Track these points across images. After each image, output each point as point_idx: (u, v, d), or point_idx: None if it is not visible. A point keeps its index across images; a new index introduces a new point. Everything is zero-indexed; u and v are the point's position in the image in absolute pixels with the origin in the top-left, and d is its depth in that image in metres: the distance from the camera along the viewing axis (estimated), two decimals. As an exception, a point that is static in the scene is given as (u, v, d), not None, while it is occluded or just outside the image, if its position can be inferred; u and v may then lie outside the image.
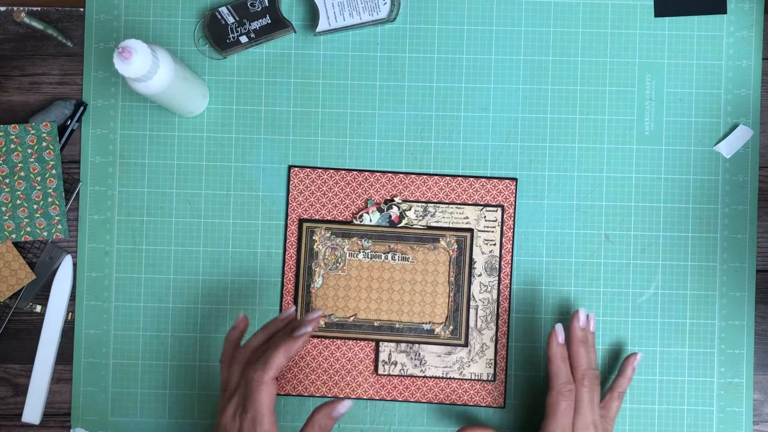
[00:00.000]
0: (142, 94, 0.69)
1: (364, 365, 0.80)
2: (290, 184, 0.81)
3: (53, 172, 0.80)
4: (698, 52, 0.81)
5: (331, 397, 0.80)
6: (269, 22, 0.79)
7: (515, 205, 0.80)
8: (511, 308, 0.80)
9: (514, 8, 0.81)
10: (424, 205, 0.80)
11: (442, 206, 0.80)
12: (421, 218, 0.80)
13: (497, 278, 0.80)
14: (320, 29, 0.79)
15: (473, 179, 0.80)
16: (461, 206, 0.80)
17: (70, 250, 0.81)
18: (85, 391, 0.81)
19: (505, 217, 0.80)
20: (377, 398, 0.80)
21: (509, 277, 0.80)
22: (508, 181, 0.80)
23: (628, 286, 0.80)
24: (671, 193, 0.80)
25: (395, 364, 0.80)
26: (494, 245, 0.80)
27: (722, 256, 0.80)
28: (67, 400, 0.81)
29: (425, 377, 0.80)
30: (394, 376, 0.80)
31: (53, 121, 0.80)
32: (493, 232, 0.80)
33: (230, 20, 0.79)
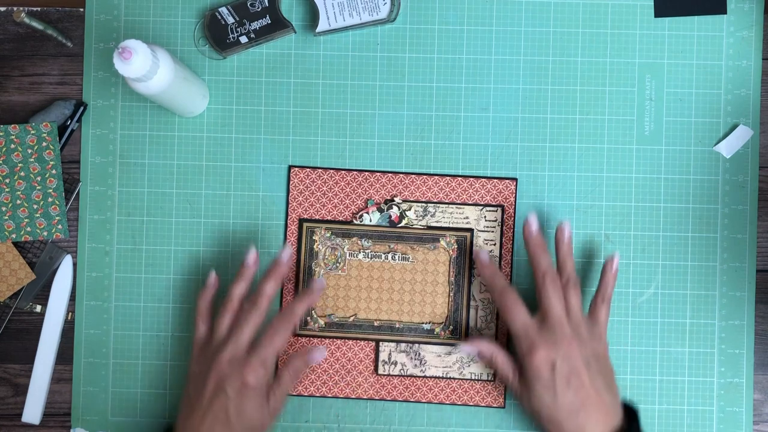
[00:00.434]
0: (142, 94, 0.69)
1: (364, 365, 0.80)
2: (290, 184, 0.81)
3: (53, 172, 0.80)
4: (698, 52, 0.81)
5: (331, 397, 0.80)
6: (269, 22, 0.79)
7: (515, 205, 0.80)
8: (511, 308, 0.80)
9: (514, 8, 0.81)
10: (424, 205, 0.80)
11: (442, 206, 0.80)
12: (421, 218, 0.80)
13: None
14: (320, 29, 0.79)
15: (473, 179, 0.80)
16: (461, 206, 0.80)
17: (70, 250, 0.81)
18: (85, 391, 0.81)
19: (505, 217, 0.80)
20: (377, 398, 0.80)
21: (509, 277, 0.80)
22: (508, 181, 0.80)
23: (628, 286, 0.80)
24: (671, 193, 0.80)
25: (395, 364, 0.80)
26: (494, 245, 0.80)
27: (722, 256, 0.80)
28: (67, 400, 0.81)
29: (425, 377, 0.80)
30: (394, 376, 0.80)
31: (53, 121, 0.80)
32: (493, 232, 0.80)
33: (230, 20, 0.79)
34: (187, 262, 0.81)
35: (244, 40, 0.80)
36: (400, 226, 0.80)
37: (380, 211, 0.80)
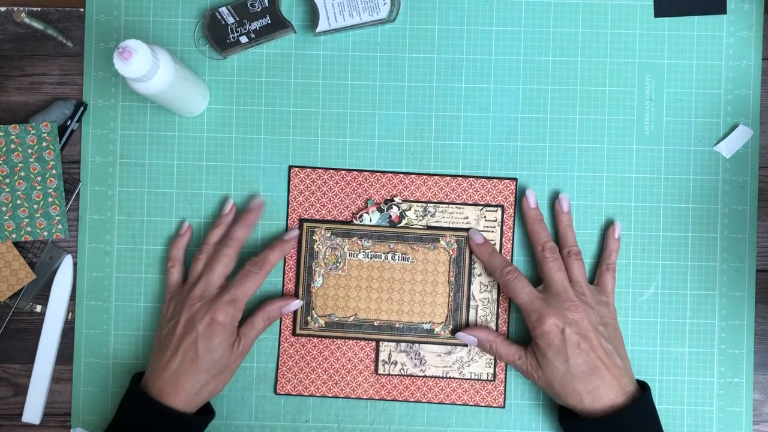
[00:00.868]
0: (142, 94, 0.69)
1: (364, 365, 0.80)
2: (290, 184, 0.81)
3: (53, 172, 0.80)
4: (698, 52, 0.81)
5: (331, 396, 0.80)
6: (269, 22, 0.79)
7: (515, 205, 0.80)
8: (510, 308, 0.80)
9: (514, 8, 0.81)
10: (424, 205, 0.80)
11: (442, 206, 0.80)
12: (421, 218, 0.80)
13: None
14: (320, 29, 0.79)
15: (473, 179, 0.80)
16: (461, 206, 0.80)
17: (70, 250, 0.81)
18: (85, 391, 0.81)
19: (505, 217, 0.80)
20: (377, 398, 0.80)
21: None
22: (508, 181, 0.80)
23: (628, 286, 0.80)
24: (671, 193, 0.80)
25: (395, 363, 0.80)
26: (494, 245, 0.80)
27: (722, 256, 0.80)
28: (67, 400, 0.81)
29: (425, 377, 0.80)
30: (394, 375, 0.80)
31: (53, 121, 0.80)
32: (493, 232, 0.80)
33: (230, 20, 0.79)
34: (187, 262, 0.81)
35: (244, 40, 0.80)
36: (400, 226, 0.80)
37: (380, 211, 0.80)
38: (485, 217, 0.80)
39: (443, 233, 0.80)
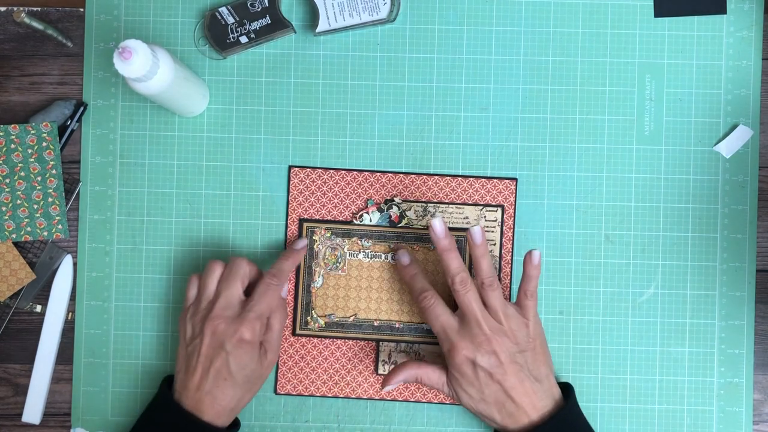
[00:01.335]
0: (142, 94, 0.69)
1: (364, 365, 0.80)
2: (290, 184, 0.81)
3: (53, 172, 0.80)
4: (698, 52, 0.81)
5: (331, 396, 0.80)
6: (269, 22, 0.79)
7: (515, 205, 0.80)
8: (511, 308, 0.80)
9: (514, 8, 0.81)
10: (424, 205, 0.80)
11: (442, 206, 0.80)
12: (421, 218, 0.80)
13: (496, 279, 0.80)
14: (320, 29, 0.79)
15: (473, 179, 0.80)
16: (461, 206, 0.80)
17: (70, 250, 0.81)
18: (85, 391, 0.81)
19: (505, 217, 0.80)
20: (377, 398, 0.80)
21: (509, 277, 0.80)
22: (508, 181, 0.80)
23: (628, 286, 0.80)
24: (671, 193, 0.80)
25: (395, 363, 0.80)
26: (494, 245, 0.80)
27: (722, 256, 0.80)
28: (67, 400, 0.81)
29: (425, 377, 0.80)
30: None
31: (53, 121, 0.80)
32: (493, 232, 0.80)
33: (230, 20, 0.79)
34: (187, 262, 0.81)
35: (244, 40, 0.80)
36: (400, 226, 0.80)
37: (380, 211, 0.80)
38: (485, 217, 0.80)
39: (443, 233, 0.80)
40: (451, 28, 0.81)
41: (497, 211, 0.80)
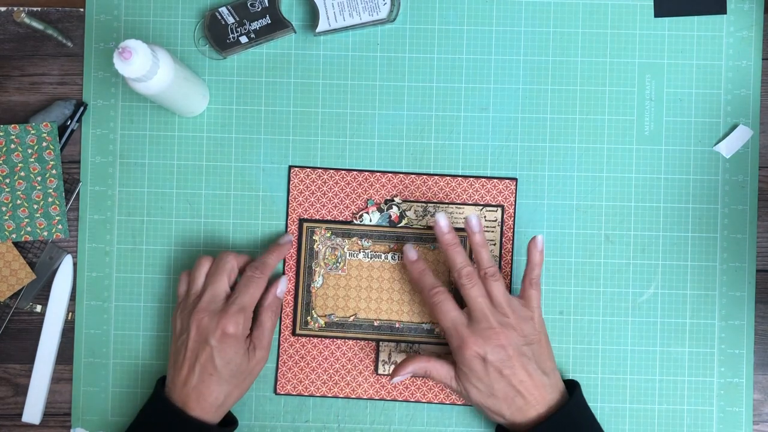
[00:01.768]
0: (142, 94, 0.69)
1: (364, 365, 0.80)
2: (290, 184, 0.81)
3: (53, 172, 0.80)
4: (698, 52, 0.81)
5: (331, 396, 0.80)
6: (269, 22, 0.79)
7: (515, 205, 0.80)
8: (511, 308, 0.80)
9: (514, 8, 0.81)
10: (424, 205, 0.80)
11: (442, 206, 0.80)
12: (421, 218, 0.80)
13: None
14: (320, 29, 0.79)
15: (473, 179, 0.80)
16: (461, 206, 0.80)
17: (70, 250, 0.81)
18: (85, 391, 0.81)
19: (505, 217, 0.80)
20: (377, 398, 0.80)
21: (509, 276, 0.80)
22: (508, 181, 0.80)
23: (628, 286, 0.80)
24: (671, 193, 0.80)
25: (395, 363, 0.80)
26: (494, 245, 0.80)
27: (722, 256, 0.80)
28: (67, 400, 0.81)
29: (425, 377, 0.80)
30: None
31: (53, 121, 0.80)
32: (493, 232, 0.80)
33: (230, 20, 0.79)
34: (187, 262, 0.81)
35: (244, 40, 0.80)
36: (400, 226, 0.80)
37: (380, 211, 0.80)
38: (485, 217, 0.80)
39: (443, 233, 0.80)
40: (451, 28, 0.81)
41: (497, 211, 0.80)
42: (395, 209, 0.80)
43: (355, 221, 0.80)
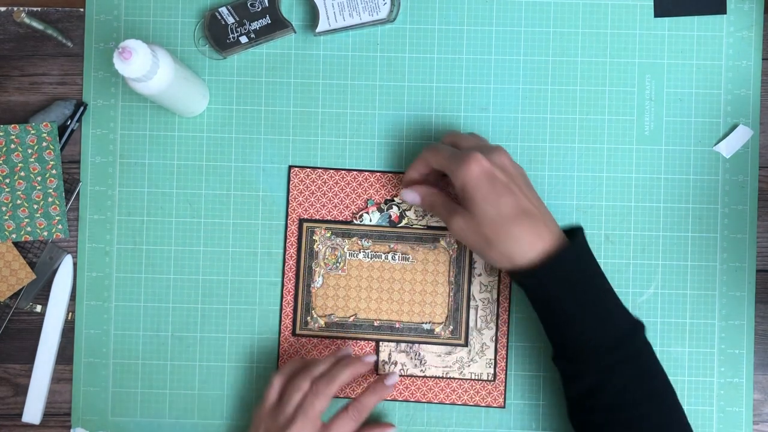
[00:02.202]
0: (142, 94, 0.69)
1: (364, 365, 0.80)
2: (290, 184, 0.81)
3: (53, 172, 0.80)
4: (698, 52, 0.81)
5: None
6: (269, 22, 0.79)
7: (515, 205, 0.80)
8: (511, 308, 0.80)
9: (514, 8, 0.81)
10: (424, 205, 0.80)
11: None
12: (421, 218, 0.80)
13: (497, 278, 0.80)
14: (320, 29, 0.79)
15: (473, 179, 0.80)
16: (461, 206, 0.80)
17: (70, 250, 0.81)
18: (85, 391, 0.81)
19: (505, 217, 0.80)
20: (377, 398, 0.80)
21: (509, 277, 0.80)
22: (508, 181, 0.80)
23: (628, 286, 0.80)
24: (671, 193, 0.80)
25: (395, 364, 0.80)
26: (494, 245, 0.80)
27: (722, 256, 0.80)
28: (67, 400, 0.81)
29: (425, 377, 0.80)
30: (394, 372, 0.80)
31: (53, 121, 0.80)
32: (493, 232, 0.80)
33: (230, 20, 0.79)
34: (187, 262, 0.81)
35: (244, 40, 0.80)
36: (400, 226, 0.80)
37: (380, 211, 0.80)
38: (485, 217, 0.80)
39: (443, 233, 0.80)
40: (451, 28, 0.81)
41: (497, 211, 0.80)
42: (395, 209, 0.80)
43: (355, 221, 0.80)
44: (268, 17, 0.79)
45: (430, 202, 0.75)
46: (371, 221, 0.80)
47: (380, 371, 0.80)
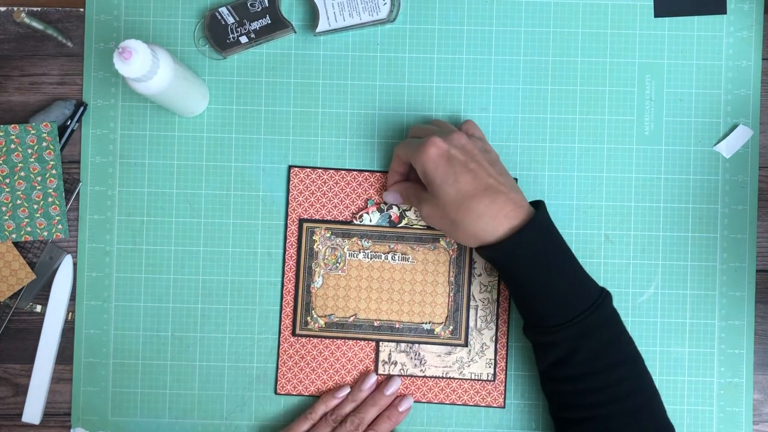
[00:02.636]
0: (142, 94, 0.69)
1: (364, 365, 0.80)
2: (290, 184, 0.81)
3: (53, 172, 0.80)
4: (698, 52, 0.81)
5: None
6: (269, 22, 0.79)
7: (515, 205, 0.80)
8: (511, 308, 0.80)
9: (514, 8, 0.81)
10: (424, 205, 0.80)
11: (442, 206, 0.80)
12: (420, 218, 0.80)
13: (497, 278, 0.80)
14: (320, 29, 0.79)
15: (473, 179, 0.80)
16: (461, 206, 0.80)
17: (70, 250, 0.81)
18: (85, 391, 0.81)
19: (505, 217, 0.80)
20: (377, 398, 0.80)
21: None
22: (508, 181, 0.80)
23: (628, 286, 0.80)
24: (671, 193, 0.80)
25: (395, 364, 0.80)
26: (494, 245, 0.80)
27: (722, 256, 0.80)
28: (67, 400, 0.81)
29: (425, 377, 0.80)
30: (394, 376, 0.80)
31: (53, 121, 0.80)
32: (493, 232, 0.80)
33: (230, 20, 0.79)
34: (187, 262, 0.81)
35: (244, 40, 0.80)
36: (400, 226, 0.80)
37: (380, 211, 0.80)
38: (485, 217, 0.80)
39: (443, 233, 0.80)
40: (451, 28, 0.81)
41: (497, 211, 0.80)
42: (395, 209, 0.80)
43: (355, 221, 0.80)
44: (268, 17, 0.79)
45: (405, 195, 0.76)
46: (371, 221, 0.80)
47: (380, 371, 0.80)
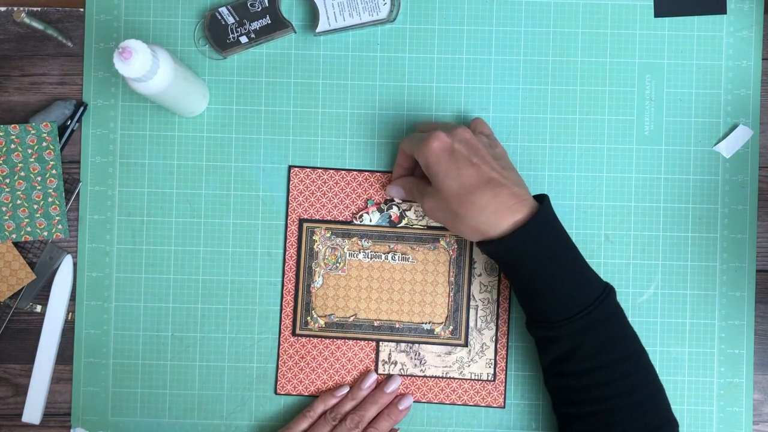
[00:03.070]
0: (142, 94, 0.69)
1: (364, 365, 0.80)
2: (290, 184, 0.81)
3: (53, 172, 0.80)
4: (698, 52, 0.81)
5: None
6: (269, 22, 0.79)
7: (515, 205, 0.80)
8: (511, 308, 0.80)
9: (514, 8, 0.81)
10: (424, 205, 0.80)
11: (442, 206, 0.80)
12: (421, 218, 0.80)
13: (497, 278, 0.80)
14: (320, 29, 0.79)
15: (473, 179, 0.80)
16: (461, 206, 0.80)
17: (70, 250, 0.81)
18: (85, 391, 0.81)
19: (505, 217, 0.80)
20: (377, 398, 0.80)
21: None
22: (508, 181, 0.80)
23: (628, 286, 0.80)
24: (671, 193, 0.80)
25: (395, 363, 0.80)
26: (494, 245, 0.80)
27: (722, 256, 0.80)
28: (67, 400, 0.81)
29: (425, 377, 0.80)
30: (394, 374, 0.80)
31: (53, 121, 0.80)
32: (493, 232, 0.80)
33: (230, 20, 0.79)
34: (187, 262, 0.81)
35: (244, 40, 0.80)
36: (400, 226, 0.80)
37: (380, 211, 0.80)
38: (485, 217, 0.80)
39: (443, 233, 0.80)
40: (451, 28, 0.81)
41: (497, 211, 0.80)
42: (395, 209, 0.80)
43: (355, 221, 0.80)
44: (268, 17, 0.79)
45: (408, 189, 0.76)
46: (371, 221, 0.80)
47: (380, 371, 0.80)
